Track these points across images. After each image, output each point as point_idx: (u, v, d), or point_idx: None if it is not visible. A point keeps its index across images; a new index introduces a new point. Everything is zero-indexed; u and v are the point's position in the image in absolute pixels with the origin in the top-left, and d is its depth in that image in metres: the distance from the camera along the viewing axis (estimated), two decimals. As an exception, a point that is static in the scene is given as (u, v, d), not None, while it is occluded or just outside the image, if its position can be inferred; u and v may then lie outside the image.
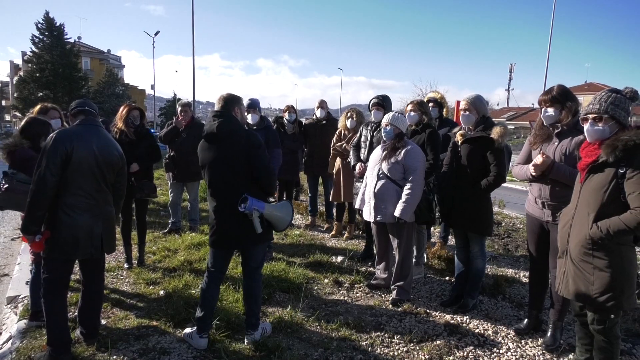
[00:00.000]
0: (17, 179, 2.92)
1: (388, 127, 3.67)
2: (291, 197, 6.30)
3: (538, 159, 2.77)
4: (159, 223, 6.22)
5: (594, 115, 2.28)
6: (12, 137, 3.21)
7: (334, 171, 5.52)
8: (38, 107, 3.77)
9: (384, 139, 3.71)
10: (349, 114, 5.35)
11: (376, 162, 3.73)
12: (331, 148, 5.48)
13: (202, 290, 2.95)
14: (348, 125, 5.30)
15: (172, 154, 5.40)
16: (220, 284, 3.05)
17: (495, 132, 3.25)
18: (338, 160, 5.44)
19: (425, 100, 4.63)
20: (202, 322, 2.90)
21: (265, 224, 2.81)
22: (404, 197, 3.51)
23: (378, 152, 3.80)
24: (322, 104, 5.96)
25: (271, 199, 3.01)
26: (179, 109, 5.51)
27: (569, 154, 2.79)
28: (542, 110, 2.93)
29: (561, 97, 2.85)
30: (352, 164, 4.64)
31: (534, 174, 2.80)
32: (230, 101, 2.87)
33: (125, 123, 4.32)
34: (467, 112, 3.41)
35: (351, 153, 4.71)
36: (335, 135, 5.48)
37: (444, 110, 4.81)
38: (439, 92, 5.26)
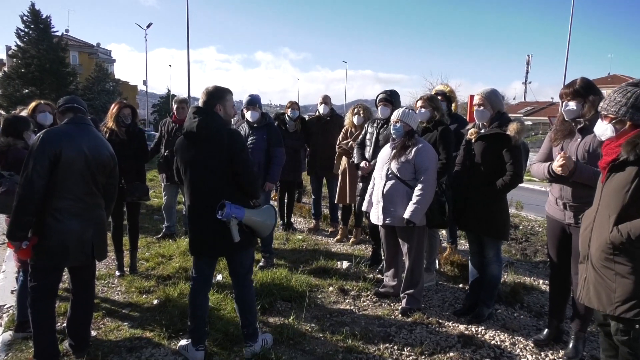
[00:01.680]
0: (14, 180, 2.94)
1: (398, 124, 3.66)
2: (293, 199, 6.31)
3: (559, 160, 2.76)
4: (152, 228, 6.24)
5: (613, 117, 2.25)
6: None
7: (339, 171, 5.53)
8: (33, 104, 3.86)
9: (393, 136, 3.71)
10: (355, 110, 5.36)
11: (385, 162, 3.72)
12: (337, 147, 5.49)
13: (189, 300, 2.95)
14: (355, 122, 5.31)
15: (166, 154, 5.41)
16: (208, 291, 3.05)
17: (511, 129, 3.24)
18: (344, 160, 5.44)
19: (433, 93, 4.63)
20: (195, 333, 2.90)
21: (245, 231, 2.81)
22: (414, 199, 3.50)
23: (387, 150, 3.80)
24: (326, 100, 5.95)
25: (272, 201, 3.01)
26: (174, 105, 5.53)
27: (592, 152, 2.78)
28: (563, 104, 2.92)
29: (584, 91, 2.84)
30: (355, 162, 4.65)
31: (561, 174, 2.78)
32: (213, 96, 2.82)
33: (116, 122, 4.35)
34: (482, 108, 3.41)
35: (355, 151, 4.71)
36: (342, 133, 5.48)
37: (453, 105, 4.80)
38: (447, 85, 5.25)
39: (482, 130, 3.44)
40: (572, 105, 2.87)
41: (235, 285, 3.00)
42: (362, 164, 4.48)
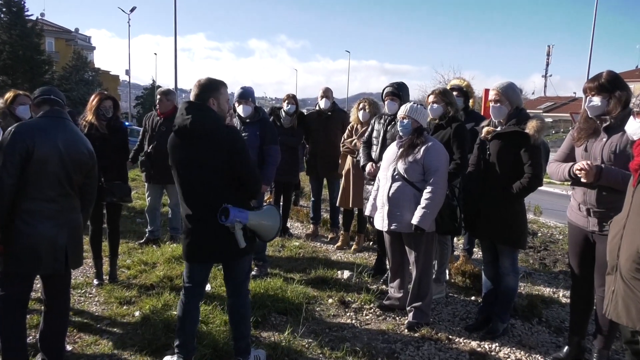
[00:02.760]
0: None
1: (405, 121, 3.66)
2: (289, 202, 6.31)
3: (581, 164, 2.75)
4: (135, 232, 6.22)
5: None
6: None
7: (343, 172, 5.53)
8: (11, 94, 3.87)
9: (400, 134, 3.71)
10: (361, 105, 5.35)
11: (391, 162, 3.72)
12: (341, 145, 5.49)
13: (179, 310, 2.95)
14: (360, 118, 5.30)
15: (149, 151, 5.40)
16: (201, 301, 3.05)
17: (530, 127, 3.24)
18: (349, 160, 5.44)
19: (448, 88, 4.62)
20: (183, 348, 2.90)
21: (249, 235, 2.82)
22: (423, 202, 3.50)
23: (393, 149, 3.79)
24: (327, 93, 5.95)
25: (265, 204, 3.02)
26: (158, 97, 5.52)
27: (619, 152, 2.78)
28: (587, 99, 2.92)
29: (610, 85, 2.84)
30: (361, 163, 4.64)
31: (584, 180, 2.78)
32: (206, 89, 2.82)
33: (96, 115, 4.34)
34: (498, 103, 3.41)
35: (360, 151, 4.70)
36: (347, 130, 5.48)
37: (470, 101, 4.80)
38: (464, 79, 5.26)
39: (498, 128, 3.44)
40: (597, 100, 2.87)
41: (231, 294, 3.00)
42: (369, 166, 4.47)
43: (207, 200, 2.77)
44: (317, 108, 6.08)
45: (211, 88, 2.84)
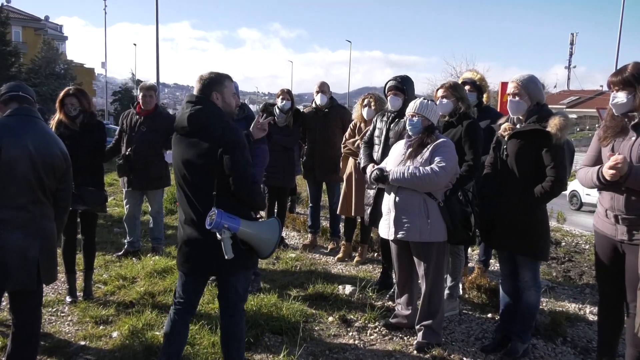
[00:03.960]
0: None
1: (415, 118, 3.67)
2: (284, 209, 6.32)
3: (610, 162, 2.76)
4: (112, 243, 6.23)
5: None
6: None
7: (344, 175, 5.54)
8: None
9: (409, 133, 3.72)
10: (365, 101, 5.36)
11: (398, 163, 3.74)
12: (342, 146, 5.51)
13: (166, 327, 2.97)
14: (365, 116, 5.32)
15: (127, 153, 5.41)
16: (190, 320, 3.05)
17: (552, 124, 3.26)
18: (351, 162, 5.46)
19: (460, 82, 4.65)
20: None
21: (242, 247, 2.82)
22: (410, 169, 3.52)
23: (399, 149, 3.81)
24: (323, 88, 5.99)
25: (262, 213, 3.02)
26: (140, 93, 5.54)
27: (650, 153, 2.79)
28: (611, 95, 2.94)
29: (635, 79, 2.86)
30: (361, 165, 4.65)
31: (608, 178, 2.79)
32: (209, 83, 2.91)
33: (64, 111, 4.35)
34: (517, 97, 3.43)
35: (361, 151, 4.72)
36: (349, 129, 5.51)
37: (485, 95, 4.82)
38: (477, 71, 5.28)
39: (517, 126, 3.46)
40: (621, 97, 2.89)
41: (224, 314, 3.01)
42: (369, 167, 4.47)
43: (197, 204, 2.81)
44: (313, 104, 6.11)
45: (214, 81, 2.92)
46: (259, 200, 2.97)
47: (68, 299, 4.43)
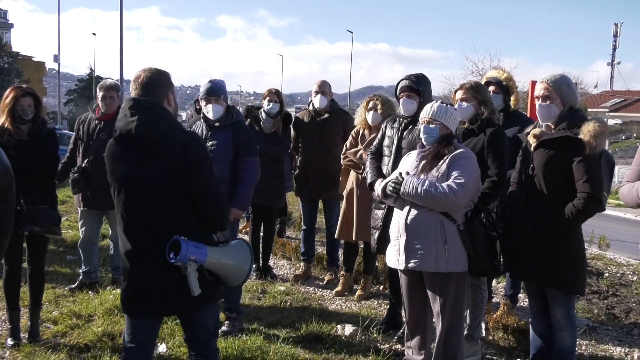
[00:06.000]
0: None
1: (431, 125, 3.69)
2: (272, 233, 6.32)
3: None
4: (64, 274, 6.20)
5: None
6: None
7: (344, 192, 5.57)
8: None
9: (424, 142, 3.74)
10: (371, 104, 5.38)
11: (408, 178, 3.75)
12: (342, 157, 5.53)
13: None
14: (370, 121, 5.34)
15: (83, 166, 5.41)
16: None
17: (585, 131, 3.29)
18: (352, 176, 5.47)
19: (483, 82, 4.69)
20: None
21: (208, 278, 2.83)
22: (428, 185, 3.47)
23: (411, 161, 3.82)
24: (323, 88, 6.03)
25: (241, 235, 3.03)
26: (100, 93, 5.55)
27: None
28: None
29: None
30: (368, 180, 4.66)
31: None
32: (156, 83, 2.88)
33: (11, 117, 4.35)
34: (547, 101, 3.47)
35: (367, 163, 4.73)
36: (350, 137, 5.53)
37: (512, 98, 4.86)
38: (503, 69, 5.33)
39: (546, 132, 3.49)
40: None
41: (195, 355, 3.01)
42: (378, 183, 4.45)
43: (153, 230, 2.78)
44: (311, 108, 6.14)
45: (165, 80, 2.91)
46: (225, 220, 3.00)
47: (10, 342, 4.39)
